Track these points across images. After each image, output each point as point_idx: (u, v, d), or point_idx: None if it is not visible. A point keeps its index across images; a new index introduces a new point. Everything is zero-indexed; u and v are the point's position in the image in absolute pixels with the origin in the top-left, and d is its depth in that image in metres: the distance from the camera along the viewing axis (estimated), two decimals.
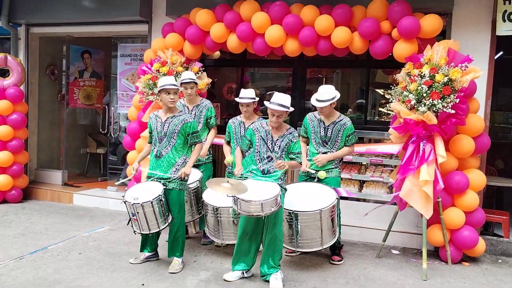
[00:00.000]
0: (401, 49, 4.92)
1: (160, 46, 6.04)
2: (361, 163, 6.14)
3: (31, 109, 7.73)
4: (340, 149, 4.80)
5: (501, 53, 6.15)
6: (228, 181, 4.03)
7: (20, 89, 7.19)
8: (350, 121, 4.79)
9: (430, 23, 4.83)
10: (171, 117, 4.45)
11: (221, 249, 5.17)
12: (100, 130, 8.23)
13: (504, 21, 4.98)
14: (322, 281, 4.33)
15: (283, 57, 6.17)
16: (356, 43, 5.19)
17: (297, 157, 4.29)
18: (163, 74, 5.70)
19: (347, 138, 4.77)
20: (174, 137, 4.43)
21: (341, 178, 5.94)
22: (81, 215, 6.57)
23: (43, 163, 8.25)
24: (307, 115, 4.99)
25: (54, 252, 4.89)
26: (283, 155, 4.26)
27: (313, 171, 4.73)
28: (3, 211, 6.63)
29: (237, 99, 4.96)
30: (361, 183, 6.04)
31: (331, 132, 4.75)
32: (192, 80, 5.15)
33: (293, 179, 6.05)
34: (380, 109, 7.63)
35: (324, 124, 4.79)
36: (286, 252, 4.88)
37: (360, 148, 5.67)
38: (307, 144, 4.97)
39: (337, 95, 4.66)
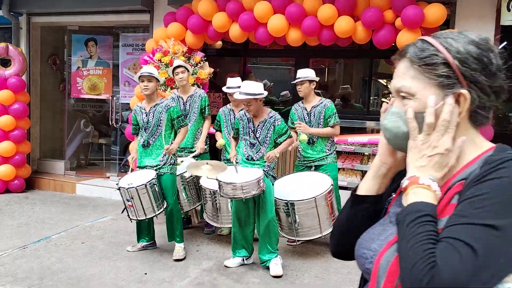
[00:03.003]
0: (405, 39, 4.87)
1: (162, 35, 6.01)
2: (364, 153, 6.13)
3: (33, 99, 7.72)
4: None
5: (505, 43, 6.09)
6: (207, 163, 4.17)
7: (22, 79, 7.18)
8: (331, 102, 4.86)
9: (434, 12, 4.79)
10: (154, 106, 4.49)
11: (224, 238, 5.19)
12: (111, 122, 7.78)
13: (509, 10, 4.93)
14: (324, 271, 4.35)
15: (286, 47, 6.13)
16: (359, 32, 5.15)
17: (285, 134, 4.32)
18: (165, 64, 5.69)
19: (328, 119, 4.79)
20: (161, 125, 4.48)
21: (343, 169, 5.97)
22: (83, 204, 6.59)
23: (46, 153, 8.27)
24: (292, 106, 5.08)
25: (57, 242, 4.91)
26: (267, 141, 4.29)
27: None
28: (6, 200, 6.66)
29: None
30: (363, 174, 6.03)
31: (313, 115, 4.81)
32: (181, 65, 5.18)
33: (289, 170, 6.03)
34: (382, 99, 7.60)
35: (306, 110, 4.86)
36: (287, 242, 4.91)
37: (362, 138, 5.67)
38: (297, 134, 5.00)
39: (315, 78, 4.80)
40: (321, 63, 7.88)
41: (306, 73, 4.78)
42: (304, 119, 4.85)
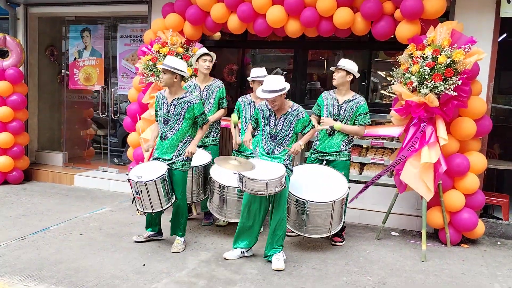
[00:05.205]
0: (404, 30, 4.86)
1: (160, 26, 5.98)
2: (362, 145, 6.13)
3: (31, 90, 7.69)
4: None
5: (504, 35, 6.07)
6: (235, 159, 4.09)
7: (20, 70, 7.15)
8: (365, 100, 4.74)
9: (434, 3, 4.75)
10: (177, 99, 4.38)
11: (222, 230, 5.20)
12: (100, 113, 7.82)
13: (509, 2, 4.91)
14: (321, 262, 4.37)
15: (285, 38, 6.10)
16: (358, 24, 5.13)
17: (309, 125, 4.27)
18: (163, 55, 5.66)
19: (358, 118, 4.69)
20: (180, 120, 4.38)
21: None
22: (82, 196, 6.59)
23: (44, 144, 8.25)
24: (322, 93, 4.96)
25: (55, 233, 4.92)
26: (289, 135, 4.24)
27: (327, 127, 4.70)
28: (4, 192, 6.66)
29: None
30: (362, 166, 6.04)
31: (345, 110, 4.69)
32: (209, 53, 5.16)
33: (301, 161, 6.03)
34: (381, 91, 7.58)
35: (338, 102, 4.75)
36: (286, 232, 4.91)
37: None
38: (318, 123, 4.91)
39: (355, 71, 4.64)
40: (320, 54, 7.84)
41: (346, 63, 4.65)
42: (333, 111, 4.74)
